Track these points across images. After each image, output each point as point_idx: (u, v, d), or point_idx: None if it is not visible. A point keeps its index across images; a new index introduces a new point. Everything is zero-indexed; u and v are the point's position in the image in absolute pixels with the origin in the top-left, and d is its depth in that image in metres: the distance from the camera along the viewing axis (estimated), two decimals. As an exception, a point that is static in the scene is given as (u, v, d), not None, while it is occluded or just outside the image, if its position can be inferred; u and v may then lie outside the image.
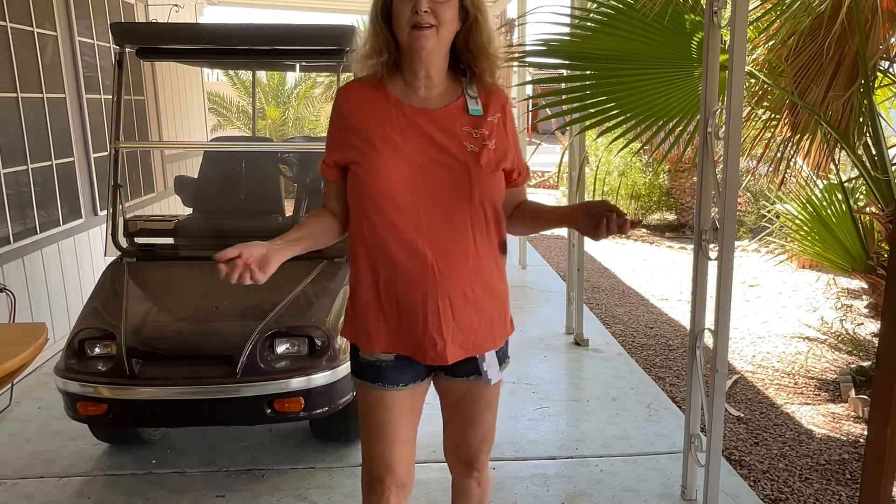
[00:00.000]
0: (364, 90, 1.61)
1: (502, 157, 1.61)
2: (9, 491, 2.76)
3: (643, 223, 8.78)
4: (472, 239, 1.58)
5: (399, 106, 1.58)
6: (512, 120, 1.66)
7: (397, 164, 1.54)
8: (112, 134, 3.26)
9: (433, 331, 1.59)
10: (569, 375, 3.96)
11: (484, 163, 1.56)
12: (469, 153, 1.56)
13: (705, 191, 2.39)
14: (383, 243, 1.57)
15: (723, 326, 2.31)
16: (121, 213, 3.24)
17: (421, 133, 1.56)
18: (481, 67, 1.60)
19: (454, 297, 1.58)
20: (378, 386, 1.67)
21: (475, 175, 1.55)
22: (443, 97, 1.60)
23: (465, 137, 1.57)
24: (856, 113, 3.34)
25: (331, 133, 1.64)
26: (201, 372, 2.56)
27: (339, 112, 1.62)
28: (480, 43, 1.57)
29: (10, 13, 3.83)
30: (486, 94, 1.63)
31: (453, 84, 1.62)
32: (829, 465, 3.09)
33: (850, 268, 4.01)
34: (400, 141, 1.56)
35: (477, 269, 1.60)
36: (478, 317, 1.63)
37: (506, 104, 1.65)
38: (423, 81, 1.58)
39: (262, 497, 2.70)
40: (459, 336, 1.61)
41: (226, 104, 14.16)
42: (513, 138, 1.65)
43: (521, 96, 6.13)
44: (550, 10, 3.22)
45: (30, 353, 2.10)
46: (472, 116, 1.59)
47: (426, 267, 1.55)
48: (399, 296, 1.59)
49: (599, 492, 2.73)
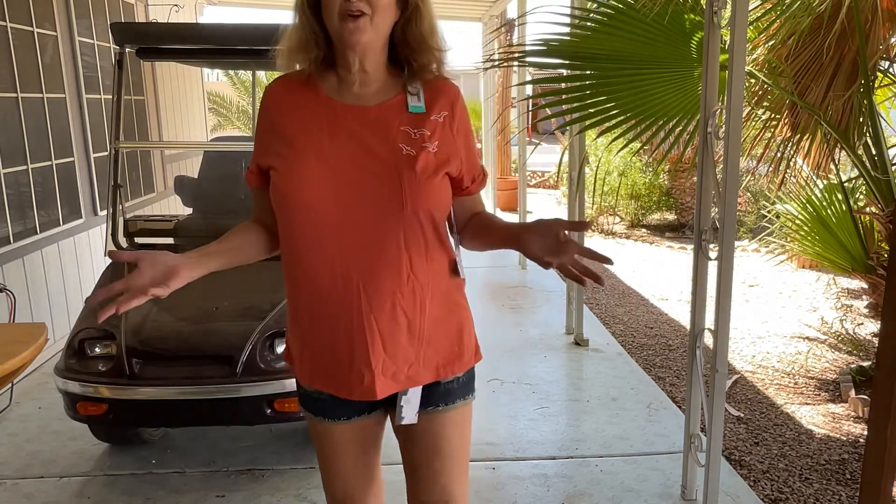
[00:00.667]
0: (293, 87, 1.41)
1: (444, 161, 1.38)
2: (9, 491, 2.76)
3: (643, 223, 8.79)
4: (405, 256, 1.35)
5: (330, 104, 1.38)
6: (464, 118, 1.44)
7: (319, 170, 1.33)
8: (112, 134, 3.26)
9: (360, 362, 1.38)
10: (569, 375, 3.96)
11: (420, 168, 1.33)
12: (403, 156, 1.34)
13: (705, 191, 2.39)
14: (302, 260, 1.37)
15: (723, 326, 2.31)
16: (121, 213, 3.24)
17: (350, 134, 1.35)
18: (420, 62, 1.38)
19: (384, 323, 1.36)
20: (320, 419, 1.51)
21: (407, 182, 1.32)
22: (380, 94, 1.39)
23: (401, 138, 1.35)
24: (856, 113, 3.34)
25: (256, 135, 1.45)
26: (201, 372, 2.56)
27: (264, 111, 1.43)
28: (420, 34, 1.36)
29: (10, 13, 3.83)
30: (433, 89, 1.41)
31: (393, 79, 1.41)
32: (829, 465, 3.09)
33: (850, 268, 4.01)
34: (326, 144, 1.35)
35: (413, 292, 1.37)
36: (415, 346, 1.41)
37: (455, 101, 1.43)
38: (357, 77, 1.37)
39: (262, 497, 2.70)
40: (391, 367, 1.39)
41: (226, 104, 14.17)
42: (464, 139, 1.43)
43: (521, 96, 6.13)
44: (550, 10, 3.22)
45: (30, 353, 2.10)
46: (412, 114, 1.38)
47: (350, 288, 1.34)
48: (321, 321, 1.39)
49: (599, 492, 2.73)
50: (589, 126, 3.46)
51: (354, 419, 1.50)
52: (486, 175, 1.52)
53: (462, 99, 1.44)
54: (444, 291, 1.44)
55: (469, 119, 1.47)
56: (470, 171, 1.46)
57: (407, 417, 1.45)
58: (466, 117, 1.45)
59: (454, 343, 1.48)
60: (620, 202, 8.80)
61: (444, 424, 1.49)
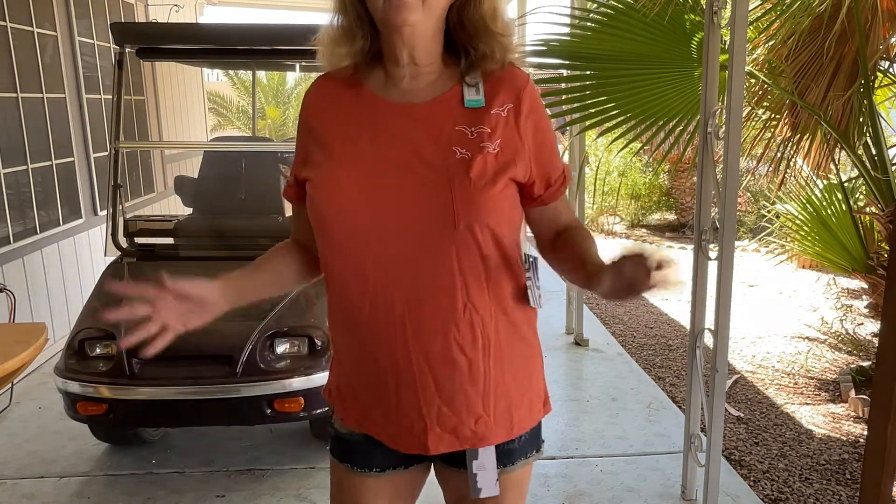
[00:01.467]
0: (334, 88, 1.21)
1: (508, 164, 1.13)
2: (9, 491, 2.76)
3: (643, 223, 8.80)
4: (460, 282, 1.12)
5: (374, 103, 1.18)
6: (536, 111, 1.18)
7: (356, 179, 1.13)
8: (112, 134, 3.26)
9: (408, 407, 1.16)
10: (569, 375, 3.96)
11: (476, 174, 1.10)
12: (457, 161, 1.11)
13: (705, 191, 2.39)
14: (341, 282, 1.17)
15: (723, 326, 2.31)
16: (121, 213, 3.24)
17: (395, 137, 1.15)
18: (481, 50, 1.15)
19: (436, 361, 1.14)
20: (346, 466, 1.28)
21: (460, 191, 1.10)
22: (432, 87, 1.17)
23: (455, 140, 1.13)
24: (856, 113, 3.34)
25: (296, 145, 1.27)
26: (201, 372, 2.56)
27: (303, 118, 1.24)
28: (480, 17, 1.14)
29: (10, 13, 3.83)
30: (495, 78, 1.17)
31: (449, 71, 1.19)
32: (829, 465, 3.09)
33: (850, 268, 4.01)
34: (366, 149, 1.15)
35: (471, 325, 1.14)
36: (480, 393, 1.17)
37: (524, 90, 1.17)
38: (406, 69, 1.16)
39: (262, 497, 2.70)
40: (451, 418, 1.17)
41: (226, 104, 14.16)
42: (535, 136, 1.17)
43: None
44: (550, 10, 3.22)
45: (30, 353, 2.09)
46: (469, 110, 1.15)
47: (393, 318, 1.13)
48: (364, 355, 1.19)
49: (599, 492, 2.73)
50: (589, 126, 3.47)
51: (389, 472, 1.27)
52: (567, 178, 1.24)
53: (533, 88, 1.19)
54: (512, 326, 1.21)
55: (544, 112, 1.21)
56: (544, 176, 1.19)
57: (485, 489, 1.19)
58: (540, 110, 1.19)
59: (525, 392, 1.24)
60: (620, 202, 8.80)
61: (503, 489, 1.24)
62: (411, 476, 1.29)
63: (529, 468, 1.31)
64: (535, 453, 1.29)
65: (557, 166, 1.22)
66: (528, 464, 1.28)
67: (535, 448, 1.29)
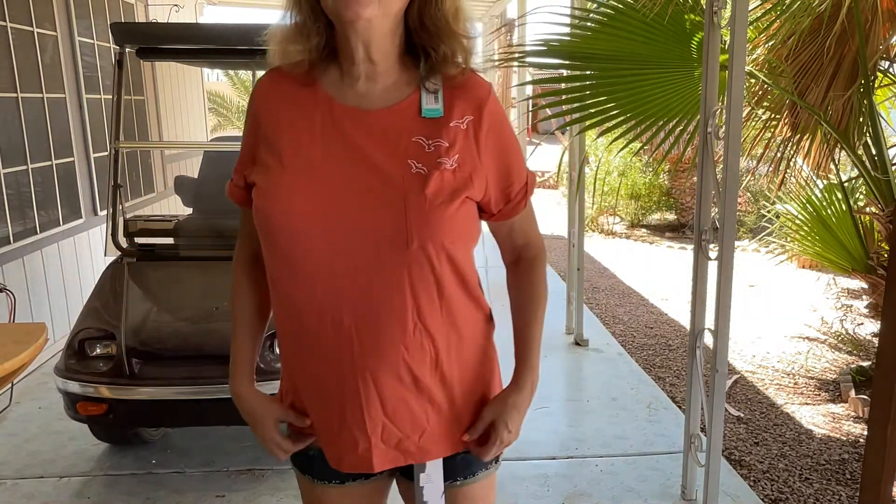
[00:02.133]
0: (288, 85, 1.14)
1: (465, 182, 1.09)
2: (9, 491, 2.76)
3: (643, 223, 8.79)
4: (411, 302, 1.08)
5: (327, 105, 1.11)
6: (496, 124, 1.13)
7: (306, 188, 1.07)
8: (112, 134, 3.26)
9: (353, 425, 1.13)
10: (569, 375, 3.96)
11: (431, 192, 1.05)
12: (413, 175, 1.06)
13: (705, 191, 2.39)
14: (287, 294, 1.13)
15: (723, 326, 2.31)
16: (121, 213, 3.24)
17: (347, 144, 1.08)
18: (441, 52, 1.09)
19: (383, 380, 1.10)
20: (308, 478, 1.27)
21: (414, 209, 1.04)
22: (389, 92, 1.11)
23: (412, 152, 1.07)
24: (856, 113, 3.34)
25: (242, 141, 1.19)
26: (201, 372, 2.56)
27: (253, 112, 1.17)
28: (441, 16, 1.08)
29: (10, 13, 3.83)
30: (456, 86, 1.11)
31: (408, 74, 1.12)
32: (829, 465, 3.09)
33: (850, 268, 4.01)
34: (319, 156, 1.09)
35: (421, 346, 1.11)
36: (425, 408, 1.15)
37: (485, 102, 1.12)
38: (362, 68, 1.09)
39: (262, 497, 2.70)
40: (395, 433, 1.14)
41: (226, 104, 14.18)
42: (496, 153, 1.13)
43: (521, 96, 6.13)
44: (550, 11, 3.22)
45: (30, 353, 2.09)
46: (427, 120, 1.09)
47: (341, 335, 1.09)
48: (308, 368, 1.16)
49: (599, 492, 2.73)
50: (589, 126, 3.46)
51: (349, 483, 1.24)
52: (529, 190, 1.19)
53: (495, 99, 1.14)
54: (465, 343, 1.18)
55: (506, 125, 1.16)
56: (503, 191, 1.15)
57: (431, 500, 1.19)
58: (501, 122, 1.14)
59: (476, 407, 1.22)
60: (620, 202, 8.80)
61: (463, 501, 1.24)
62: (375, 486, 1.28)
63: (493, 479, 1.30)
64: (494, 464, 1.29)
65: (520, 178, 1.17)
66: (490, 475, 1.28)
67: (494, 459, 1.28)
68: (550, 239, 8.13)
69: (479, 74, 1.16)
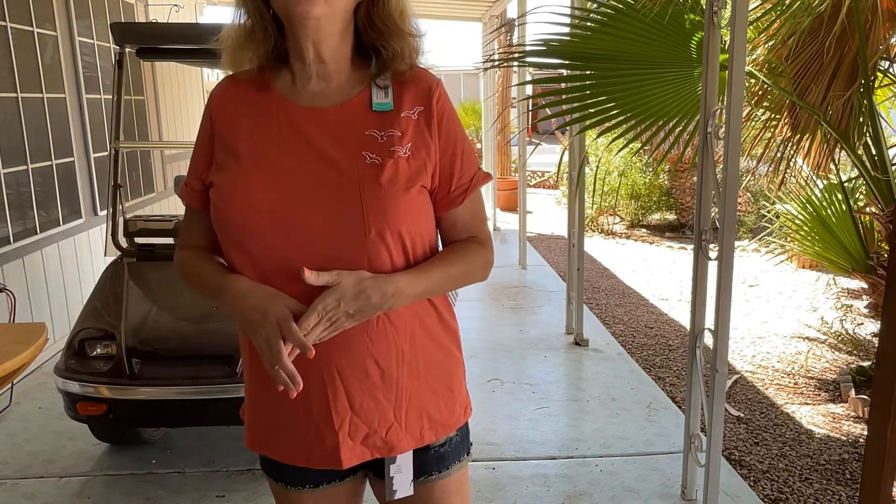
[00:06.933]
0: (243, 90, 1.18)
1: (420, 169, 1.13)
2: (9, 491, 2.76)
3: (643, 223, 8.79)
4: None
5: (282, 106, 1.15)
6: (446, 114, 1.17)
7: (264, 185, 1.10)
8: (112, 134, 3.26)
9: (319, 420, 1.13)
10: (569, 375, 3.96)
11: (386, 179, 1.09)
12: (367, 165, 1.09)
13: (705, 191, 2.39)
14: None
15: (723, 326, 2.31)
16: (121, 213, 3.25)
17: (302, 141, 1.12)
18: (390, 49, 1.14)
19: (349, 373, 1.12)
20: (281, 486, 1.26)
21: (370, 198, 1.07)
22: (341, 91, 1.15)
23: (366, 144, 1.11)
24: (856, 113, 3.34)
25: (196, 144, 1.23)
26: (201, 372, 2.57)
27: (208, 117, 1.20)
28: (388, 14, 1.12)
29: (10, 13, 3.83)
30: (405, 81, 1.16)
31: (359, 73, 1.17)
32: (829, 465, 3.09)
33: (850, 268, 4.01)
34: (276, 154, 1.12)
35: (385, 337, 1.13)
36: (393, 402, 1.16)
37: (433, 93, 1.16)
38: (314, 68, 1.13)
39: (262, 497, 2.70)
40: (362, 428, 1.15)
41: (226, 104, 14.16)
42: (445, 142, 1.16)
43: (521, 96, 6.13)
44: (550, 10, 3.22)
45: (30, 353, 2.09)
46: (379, 114, 1.13)
47: None
48: None
49: (599, 492, 2.73)
50: (589, 126, 3.47)
51: (322, 487, 1.24)
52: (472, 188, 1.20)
53: (443, 91, 1.18)
54: (430, 335, 1.20)
55: (454, 116, 1.20)
56: (446, 181, 1.17)
57: (400, 490, 1.20)
58: (450, 114, 1.18)
59: (442, 399, 1.22)
60: (620, 202, 8.80)
61: (440, 495, 1.25)
62: (349, 487, 1.28)
63: (466, 471, 1.31)
64: (466, 456, 1.30)
65: (465, 172, 1.19)
66: (462, 467, 1.29)
67: (466, 451, 1.30)
68: (550, 239, 8.14)
69: (427, 69, 1.19)
